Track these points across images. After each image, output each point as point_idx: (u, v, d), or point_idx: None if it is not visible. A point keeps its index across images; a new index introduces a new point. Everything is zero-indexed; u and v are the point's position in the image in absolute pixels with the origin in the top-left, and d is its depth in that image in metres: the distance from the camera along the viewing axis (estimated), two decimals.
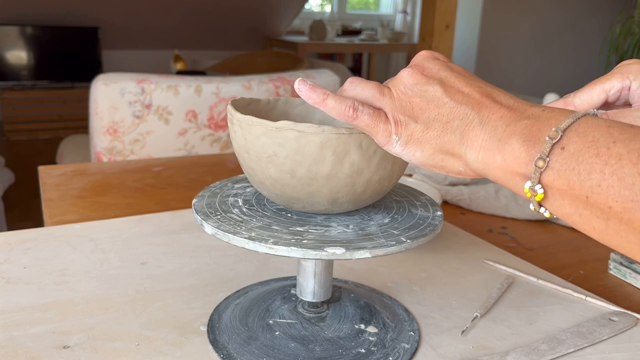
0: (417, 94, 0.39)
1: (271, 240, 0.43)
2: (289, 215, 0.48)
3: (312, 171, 0.44)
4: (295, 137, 0.43)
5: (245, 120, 0.45)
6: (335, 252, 0.42)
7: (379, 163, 0.45)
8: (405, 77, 0.40)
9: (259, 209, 0.49)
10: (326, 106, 0.41)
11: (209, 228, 0.45)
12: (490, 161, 0.36)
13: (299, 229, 0.46)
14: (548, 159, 0.33)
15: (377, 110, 0.40)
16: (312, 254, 0.42)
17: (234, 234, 0.44)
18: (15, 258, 0.64)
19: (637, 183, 0.29)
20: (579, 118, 0.33)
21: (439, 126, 0.38)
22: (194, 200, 0.50)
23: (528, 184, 0.34)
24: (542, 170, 0.33)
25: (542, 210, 0.35)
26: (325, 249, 0.42)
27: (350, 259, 0.42)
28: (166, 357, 0.48)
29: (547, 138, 0.33)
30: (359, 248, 0.42)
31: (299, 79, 0.42)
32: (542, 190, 0.33)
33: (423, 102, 0.39)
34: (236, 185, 0.55)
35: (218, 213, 0.48)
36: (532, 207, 0.35)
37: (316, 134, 0.42)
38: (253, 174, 0.47)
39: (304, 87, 0.41)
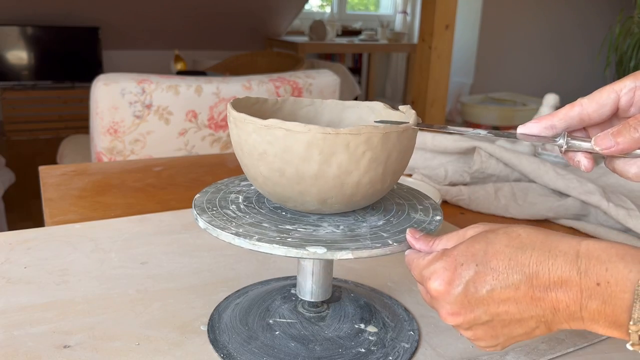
0: (475, 328, 0.40)
1: (255, 237, 0.43)
2: (284, 213, 0.49)
3: (300, 170, 0.44)
4: (283, 135, 0.43)
5: (239, 117, 0.45)
6: (317, 251, 0.42)
7: (368, 165, 0.44)
8: (455, 323, 0.40)
9: (256, 207, 0.50)
10: None
11: (202, 222, 0.47)
12: (588, 330, 0.37)
13: (288, 227, 0.46)
14: None
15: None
16: (294, 252, 0.42)
17: (223, 229, 0.45)
18: (15, 258, 0.64)
19: None
20: None
21: (521, 336, 0.39)
22: (196, 195, 0.52)
23: (629, 347, 0.36)
24: None
25: None
26: (306, 248, 0.42)
27: (332, 259, 0.43)
28: (166, 356, 0.48)
29: (631, 331, 0.34)
30: (342, 249, 0.43)
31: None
32: None
33: (489, 334, 0.40)
34: (242, 183, 0.56)
35: (215, 209, 0.49)
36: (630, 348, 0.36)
37: (302, 132, 0.42)
38: (247, 171, 0.48)
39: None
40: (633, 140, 0.40)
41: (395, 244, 0.45)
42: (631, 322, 0.34)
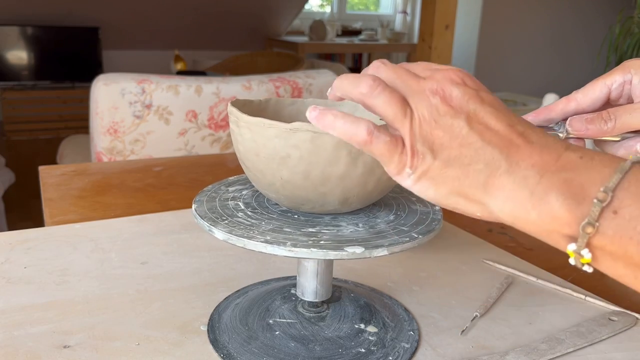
0: (441, 126, 0.34)
1: (289, 243, 0.42)
2: (296, 216, 0.48)
3: (326, 172, 0.44)
4: (311, 138, 0.43)
5: (256, 122, 0.44)
6: (355, 251, 0.42)
7: None
8: (430, 104, 0.35)
9: (264, 212, 0.49)
10: (335, 129, 0.36)
11: (219, 234, 0.44)
12: (521, 215, 0.32)
13: (311, 229, 0.46)
14: (597, 223, 0.30)
15: (395, 138, 0.35)
16: (332, 254, 0.42)
17: (249, 238, 0.43)
18: (15, 258, 0.64)
19: None
20: (627, 172, 0.30)
21: (460, 167, 0.34)
22: (194, 206, 0.49)
23: (573, 246, 0.31)
24: (590, 235, 0.30)
25: (585, 267, 0.32)
26: (345, 249, 0.42)
27: (368, 257, 0.43)
28: (166, 356, 0.48)
29: (595, 200, 0.30)
30: (377, 246, 0.43)
31: (311, 106, 0.38)
32: (590, 255, 0.31)
33: (446, 137, 0.34)
34: (230, 189, 0.54)
35: (224, 218, 0.47)
36: (572, 262, 0.32)
37: (331, 134, 0.42)
38: (262, 176, 0.47)
39: (314, 112, 0.37)
40: (601, 131, 0.44)
41: (420, 236, 0.46)
42: (602, 189, 0.30)
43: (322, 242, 0.43)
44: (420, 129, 0.35)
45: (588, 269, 0.32)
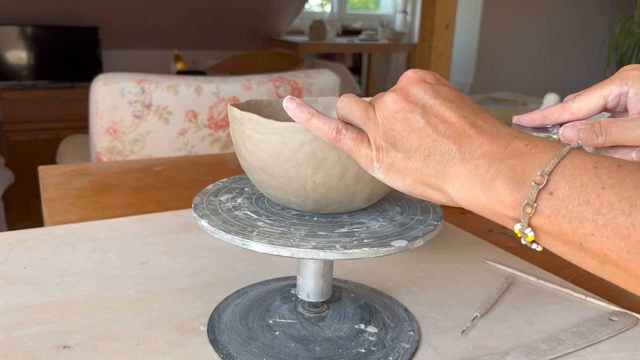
0: (399, 121, 0.38)
1: (338, 246, 0.42)
2: (315, 219, 0.48)
3: (360, 172, 0.44)
4: None
5: (290, 127, 0.43)
6: (400, 245, 0.43)
7: None
8: (389, 103, 0.39)
9: (281, 218, 0.48)
10: (311, 125, 0.41)
11: (258, 246, 0.43)
12: (474, 200, 0.35)
13: (342, 230, 0.46)
14: (536, 204, 0.32)
15: (361, 135, 0.40)
16: (383, 250, 0.42)
17: (297, 247, 0.42)
18: (15, 258, 0.64)
19: (632, 235, 0.29)
20: (564, 157, 0.33)
21: (421, 158, 0.37)
22: (205, 222, 0.47)
23: (517, 226, 0.34)
24: (530, 215, 0.33)
25: (534, 246, 0.34)
26: (391, 244, 0.43)
27: (408, 250, 0.44)
28: (166, 357, 0.48)
29: (533, 183, 0.32)
30: (415, 237, 0.44)
31: (287, 96, 0.42)
32: (532, 234, 0.33)
33: (405, 131, 0.38)
34: (222, 199, 0.52)
35: (249, 229, 0.45)
36: (523, 242, 0.35)
37: None
38: (288, 182, 0.45)
39: (292, 104, 0.41)
40: (592, 143, 0.44)
41: (439, 223, 0.48)
42: (539, 173, 0.32)
43: (365, 240, 0.44)
44: (383, 127, 0.39)
45: (537, 247, 0.34)
